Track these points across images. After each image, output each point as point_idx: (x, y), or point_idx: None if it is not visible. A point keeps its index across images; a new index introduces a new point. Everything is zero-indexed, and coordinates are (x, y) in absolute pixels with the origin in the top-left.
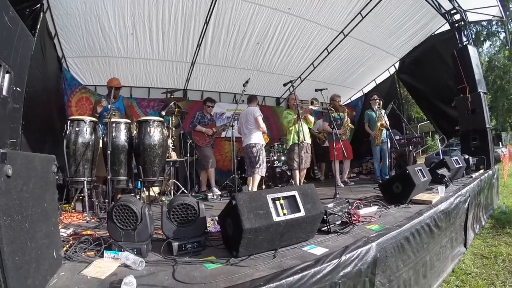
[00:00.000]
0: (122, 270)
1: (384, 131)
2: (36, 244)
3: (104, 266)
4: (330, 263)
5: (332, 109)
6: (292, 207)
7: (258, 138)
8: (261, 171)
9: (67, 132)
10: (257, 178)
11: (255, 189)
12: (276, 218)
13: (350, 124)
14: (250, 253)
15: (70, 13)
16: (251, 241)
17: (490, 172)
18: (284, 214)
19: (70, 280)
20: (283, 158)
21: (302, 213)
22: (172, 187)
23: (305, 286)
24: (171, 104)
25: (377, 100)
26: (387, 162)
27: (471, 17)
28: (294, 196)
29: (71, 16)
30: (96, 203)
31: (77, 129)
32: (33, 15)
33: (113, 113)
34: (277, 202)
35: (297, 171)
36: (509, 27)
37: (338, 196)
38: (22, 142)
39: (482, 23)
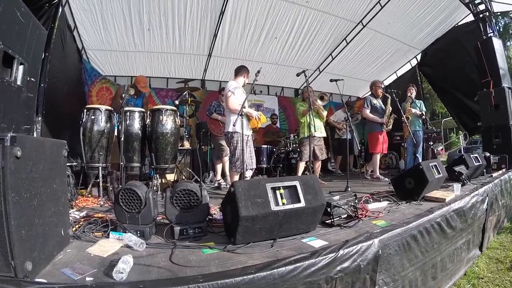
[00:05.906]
0: (124, 250)
1: (416, 123)
2: (44, 221)
3: (107, 245)
4: (326, 256)
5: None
6: (292, 197)
7: (232, 124)
8: (234, 166)
9: (83, 120)
10: (235, 176)
11: None
12: (274, 207)
13: (393, 114)
14: (248, 241)
15: (87, 9)
16: (248, 229)
17: None
18: (283, 204)
19: (75, 257)
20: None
21: (302, 203)
22: (185, 175)
23: (298, 277)
24: (184, 93)
25: (412, 91)
26: (419, 156)
27: (497, 7)
28: (295, 186)
29: (88, 12)
30: (110, 188)
31: (92, 117)
32: (52, 8)
33: (129, 106)
34: (277, 192)
35: (301, 163)
36: None
37: (349, 189)
38: (44, 130)
39: (510, 14)
